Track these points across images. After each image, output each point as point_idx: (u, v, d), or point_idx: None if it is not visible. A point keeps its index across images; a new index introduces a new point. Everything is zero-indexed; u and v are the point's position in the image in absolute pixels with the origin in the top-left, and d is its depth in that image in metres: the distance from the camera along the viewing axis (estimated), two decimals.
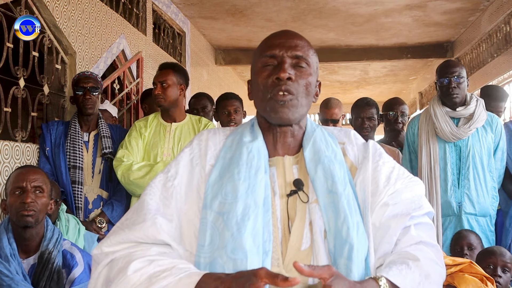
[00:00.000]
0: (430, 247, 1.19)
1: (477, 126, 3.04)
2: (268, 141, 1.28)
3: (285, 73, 1.20)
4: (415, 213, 1.21)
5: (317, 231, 1.17)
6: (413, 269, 1.11)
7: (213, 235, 1.13)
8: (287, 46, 1.23)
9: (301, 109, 1.24)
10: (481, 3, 6.34)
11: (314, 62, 1.27)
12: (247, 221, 1.13)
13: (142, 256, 1.10)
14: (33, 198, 2.21)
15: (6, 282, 2.06)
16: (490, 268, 2.34)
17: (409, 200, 1.23)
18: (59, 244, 2.25)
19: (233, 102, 3.52)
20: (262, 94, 1.24)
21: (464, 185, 3.02)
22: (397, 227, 1.19)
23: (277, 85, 1.21)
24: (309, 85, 1.24)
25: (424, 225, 1.23)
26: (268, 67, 1.24)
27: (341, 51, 8.24)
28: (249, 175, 1.19)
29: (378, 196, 1.22)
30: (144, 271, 1.07)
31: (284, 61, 1.22)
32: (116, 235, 1.16)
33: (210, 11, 6.52)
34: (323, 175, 1.21)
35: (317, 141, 1.26)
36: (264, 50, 1.26)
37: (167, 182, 1.22)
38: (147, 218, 1.15)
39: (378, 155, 1.28)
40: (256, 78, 1.26)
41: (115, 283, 1.08)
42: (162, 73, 3.10)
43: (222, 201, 1.16)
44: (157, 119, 3.15)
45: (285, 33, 1.28)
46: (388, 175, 1.25)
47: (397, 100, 3.78)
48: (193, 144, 1.30)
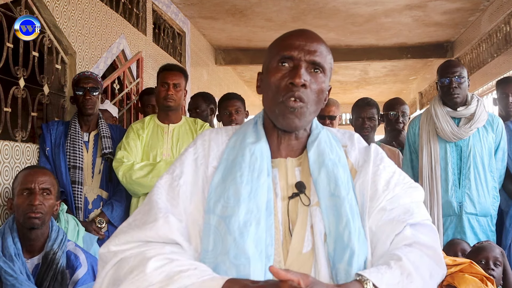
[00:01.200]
0: (425, 248, 1.16)
1: (478, 126, 3.04)
2: (272, 142, 1.26)
3: (300, 80, 1.17)
4: (411, 220, 1.19)
5: (318, 234, 1.16)
6: (394, 269, 1.09)
7: (216, 240, 1.13)
8: (306, 50, 1.20)
9: (309, 116, 1.22)
10: (481, 3, 6.34)
11: (329, 68, 1.25)
12: (249, 226, 1.12)
13: (159, 254, 1.08)
14: (41, 200, 2.22)
15: (10, 281, 2.07)
16: (483, 263, 2.36)
17: (407, 206, 1.21)
18: (63, 245, 2.25)
19: (234, 102, 3.52)
20: (272, 95, 1.21)
21: (465, 185, 3.02)
22: (392, 232, 1.17)
23: (290, 90, 1.18)
24: (321, 92, 1.23)
25: (423, 226, 1.21)
26: (283, 67, 1.21)
27: (341, 51, 8.24)
28: (251, 178, 1.18)
29: (376, 200, 1.21)
30: (164, 269, 1.05)
31: (300, 66, 1.19)
32: (125, 235, 1.14)
33: (210, 11, 6.52)
34: (327, 178, 1.20)
35: (321, 143, 1.25)
36: (281, 49, 1.22)
37: (173, 182, 1.21)
38: (158, 217, 1.14)
39: (379, 159, 1.27)
40: (268, 76, 1.23)
41: (128, 281, 1.06)
42: (175, 75, 3.11)
43: (224, 204, 1.15)
44: (153, 120, 3.16)
45: (306, 35, 1.24)
46: (388, 180, 1.23)
47: (398, 100, 3.79)
48: (197, 144, 1.28)
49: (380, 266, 1.09)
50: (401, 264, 1.09)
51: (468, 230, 2.99)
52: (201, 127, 3.17)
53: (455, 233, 3.01)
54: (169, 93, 3.06)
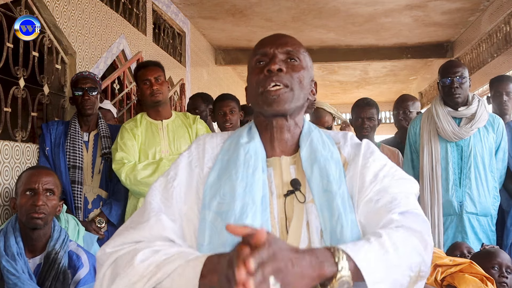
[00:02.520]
0: (413, 231, 1.09)
1: (479, 126, 3.05)
2: (266, 141, 1.28)
3: (275, 65, 1.22)
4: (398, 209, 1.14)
5: (314, 231, 1.16)
6: (373, 243, 1.02)
7: (212, 235, 1.14)
8: (277, 43, 1.27)
9: (296, 101, 1.24)
10: (481, 3, 6.34)
11: (306, 60, 1.29)
12: (245, 218, 1.13)
13: (147, 247, 1.10)
14: (44, 200, 2.22)
15: (12, 280, 2.07)
16: (496, 270, 2.29)
17: (395, 195, 1.17)
18: (65, 245, 2.25)
19: (228, 102, 3.52)
20: (255, 90, 1.25)
21: (466, 185, 3.03)
22: (379, 221, 1.13)
23: (268, 77, 1.22)
24: (302, 78, 1.25)
25: (412, 214, 1.16)
26: (260, 64, 1.26)
27: (341, 51, 8.24)
28: (246, 174, 1.19)
29: (363, 192, 1.19)
30: (151, 260, 1.06)
31: (275, 56, 1.24)
32: (120, 237, 1.16)
33: (210, 11, 6.52)
34: (319, 174, 1.21)
35: (314, 141, 1.27)
36: (256, 50, 1.29)
37: (167, 184, 1.23)
38: (151, 216, 1.16)
39: (369, 152, 1.26)
40: (250, 77, 1.28)
41: (120, 276, 1.07)
42: (153, 70, 3.09)
43: (220, 201, 1.17)
44: (145, 118, 3.12)
45: (277, 34, 1.32)
46: (376, 172, 1.22)
47: (402, 97, 3.84)
48: (192, 148, 1.31)
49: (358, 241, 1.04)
50: (380, 241, 1.03)
51: (468, 230, 2.99)
52: (194, 121, 3.16)
53: (455, 232, 3.02)
54: (154, 88, 3.04)
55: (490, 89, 3.59)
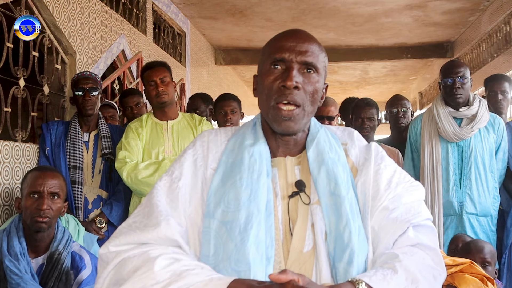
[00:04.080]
0: (428, 249, 1.16)
1: (480, 127, 3.05)
2: (270, 142, 1.26)
3: (292, 82, 1.17)
4: (414, 220, 1.19)
5: (319, 232, 1.16)
6: (400, 274, 1.07)
7: (217, 246, 1.13)
8: (297, 51, 1.19)
9: (305, 118, 1.22)
10: (481, 3, 6.34)
11: (322, 66, 1.24)
12: (250, 229, 1.12)
13: (164, 253, 1.09)
14: (49, 204, 2.21)
15: (15, 280, 2.07)
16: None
17: (409, 205, 1.21)
18: (68, 246, 2.25)
19: (230, 102, 3.52)
20: (266, 98, 1.21)
21: (466, 185, 3.02)
22: (395, 232, 1.17)
23: (282, 93, 1.18)
24: (316, 92, 1.22)
25: (424, 227, 1.21)
26: (276, 70, 1.20)
27: (341, 51, 8.25)
28: (251, 180, 1.17)
29: (378, 199, 1.20)
30: (171, 268, 1.06)
31: (292, 67, 1.18)
32: (125, 236, 1.14)
33: (210, 11, 6.52)
34: (326, 176, 1.19)
35: (320, 142, 1.25)
36: (273, 52, 1.21)
37: (172, 184, 1.21)
38: (160, 220, 1.14)
39: (380, 158, 1.27)
40: (262, 79, 1.23)
41: (133, 279, 1.06)
42: (159, 70, 3.09)
43: (225, 209, 1.15)
44: (151, 118, 3.13)
45: (296, 35, 1.23)
46: (389, 179, 1.23)
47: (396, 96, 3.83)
48: (196, 145, 1.28)
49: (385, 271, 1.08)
50: (406, 269, 1.08)
51: (468, 230, 2.99)
52: (200, 122, 3.16)
53: (455, 232, 3.01)
54: (159, 90, 3.05)
55: (485, 88, 3.58)
